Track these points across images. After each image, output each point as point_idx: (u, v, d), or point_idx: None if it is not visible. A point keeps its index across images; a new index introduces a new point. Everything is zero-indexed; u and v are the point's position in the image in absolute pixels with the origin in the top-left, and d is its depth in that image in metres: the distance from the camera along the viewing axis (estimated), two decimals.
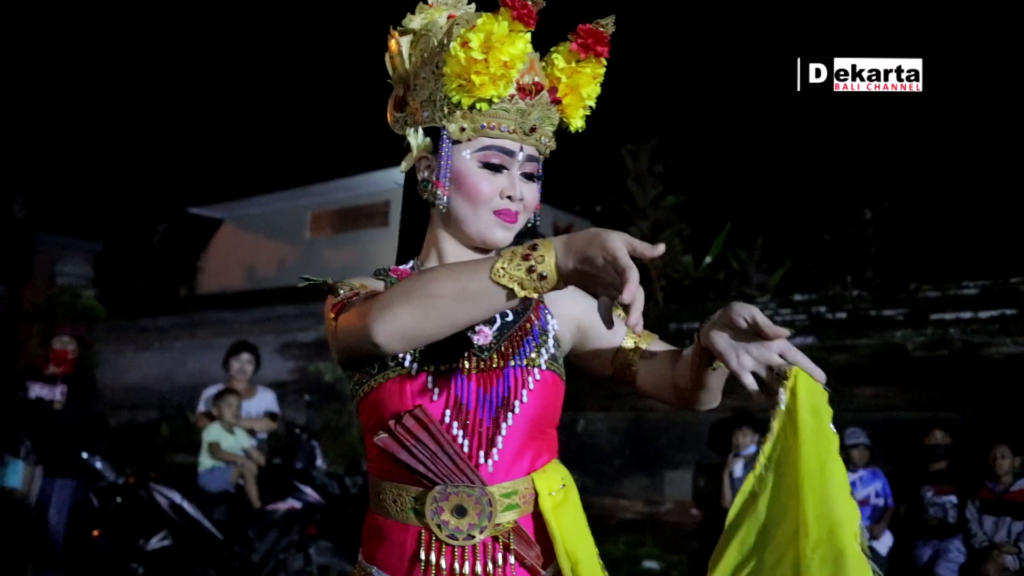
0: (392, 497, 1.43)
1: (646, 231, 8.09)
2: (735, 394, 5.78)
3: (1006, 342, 6.04)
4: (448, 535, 1.37)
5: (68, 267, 14.08)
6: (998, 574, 5.37)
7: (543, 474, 1.45)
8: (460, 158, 1.44)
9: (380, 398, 1.43)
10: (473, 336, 1.45)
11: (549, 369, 1.48)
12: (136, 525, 6.23)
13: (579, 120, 1.54)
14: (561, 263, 1.16)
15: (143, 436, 10.75)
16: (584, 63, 1.47)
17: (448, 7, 1.49)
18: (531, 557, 1.42)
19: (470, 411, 1.42)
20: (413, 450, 1.37)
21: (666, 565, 6.94)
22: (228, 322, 11.81)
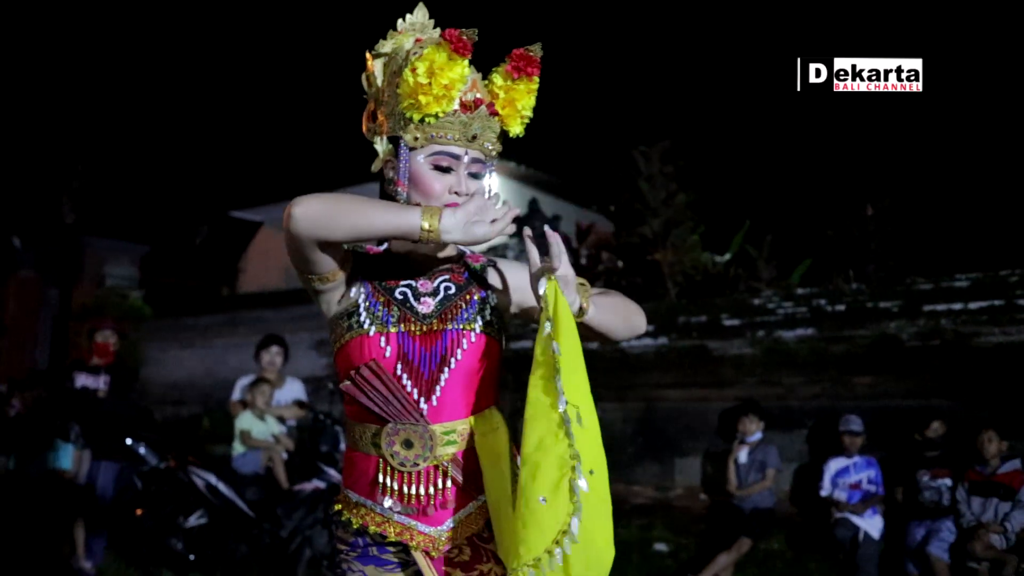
0: (359, 434, 1.81)
1: (658, 229, 8.36)
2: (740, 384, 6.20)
3: (994, 332, 6.23)
4: (399, 463, 1.73)
5: (116, 269, 14.59)
6: (984, 551, 5.60)
7: (481, 418, 1.80)
8: (415, 162, 1.77)
9: (347, 353, 1.80)
10: (418, 305, 1.81)
11: (484, 332, 1.82)
12: (176, 505, 6.67)
13: (518, 127, 1.86)
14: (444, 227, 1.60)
15: (187, 429, 11.14)
16: (518, 81, 1.80)
17: (416, 31, 1.82)
18: (465, 482, 1.78)
19: (415, 364, 1.77)
20: (369, 394, 1.73)
21: (675, 547, 7.20)
22: (267, 320, 12.14)
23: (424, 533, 1.75)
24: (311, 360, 10.84)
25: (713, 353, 7.42)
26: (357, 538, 1.80)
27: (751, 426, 6.79)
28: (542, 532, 1.52)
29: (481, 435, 1.77)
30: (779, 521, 6.76)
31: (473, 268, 1.89)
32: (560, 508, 1.52)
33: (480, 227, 1.60)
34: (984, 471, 5.82)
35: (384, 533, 1.76)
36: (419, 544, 1.75)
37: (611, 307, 1.84)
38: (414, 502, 1.75)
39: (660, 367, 7.72)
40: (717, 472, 7.18)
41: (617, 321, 1.86)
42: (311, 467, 6.45)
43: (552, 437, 1.56)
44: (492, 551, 1.77)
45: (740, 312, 7.38)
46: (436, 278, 1.84)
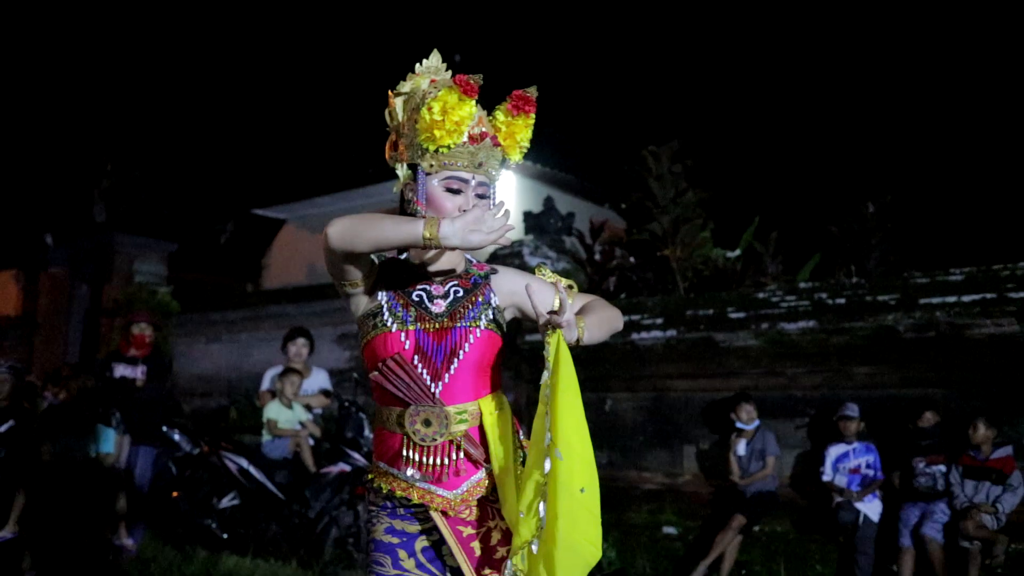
0: (385, 415, 2.16)
1: (667, 226, 8.61)
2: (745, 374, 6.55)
3: (986, 324, 6.46)
4: (419, 439, 2.07)
5: (145, 266, 14.89)
6: (976, 531, 5.88)
7: (487, 400, 2.14)
8: (431, 185, 2.12)
9: (373, 347, 2.14)
10: (432, 306, 2.14)
11: (487, 328, 2.15)
12: (210, 487, 7.08)
13: (517, 155, 2.21)
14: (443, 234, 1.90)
15: (214, 420, 11.51)
16: (517, 118, 2.15)
17: (431, 73, 2.16)
18: (476, 454, 2.11)
19: (430, 356, 2.11)
20: (394, 382, 2.08)
21: (683, 530, 7.49)
22: (290, 315, 12.34)
23: (442, 496, 2.09)
24: (334, 353, 11.13)
25: (719, 345, 7.71)
26: (386, 501, 2.16)
27: (745, 414, 7.09)
28: (520, 536, 1.92)
29: (488, 414, 2.11)
30: (782, 505, 7.05)
31: (478, 275, 2.22)
32: (530, 524, 1.91)
33: (476, 235, 1.90)
34: (977, 456, 6.10)
35: (408, 497, 2.11)
36: (437, 506, 2.09)
37: (597, 324, 2.13)
38: (432, 471, 2.08)
39: (669, 358, 8.01)
40: (723, 459, 7.48)
41: (603, 333, 2.16)
42: (337, 452, 6.82)
43: (535, 465, 1.92)
44: (497, 509, 2.11)
45: (745, 306, 7.64)
46: (447, 283, 2.18)
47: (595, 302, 2.26)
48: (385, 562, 2.11)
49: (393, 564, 2.11)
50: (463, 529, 2.10)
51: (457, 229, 1.89)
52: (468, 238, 1.89)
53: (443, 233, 1.89)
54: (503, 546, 2.10)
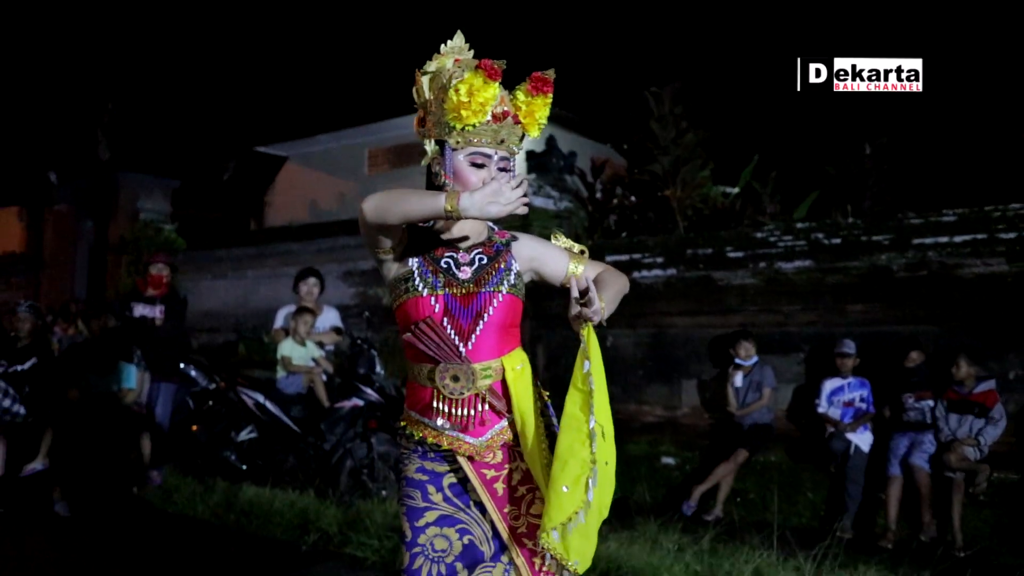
0: (417, 371, 2.38)
1: (668, 167, 8.78)
2: (742, 311, 6.79)
3: (976, 263, 6.69)
4: (448, 392, 2.29)
5: (149, 203, 15.00)
6: (958, 462, 6.19)
7: (509, 357, 2.35)
8: (457, 160, 2.29)
9: (406, 309, 2.34)
10: (459, 273, 2.33)
11: (509, 293, 2.35)
12: (227, 421, 7.34)
13: (535, 132, 2.38)
14: (462, 206, 2.06)
15: (223, 355, 11.69)
16: (536, 98, 2.30)
17: (454, 53, 2.32)
18: (500, 405, 2.34)
19: (457, 318, 2.31)
20: (426, 342, 2.28)
21: (681, 460, 7.80)
22: (295, 252, 12.51)
23: (469, 443, 2.32)
24: (339, 289, 11.27)
25: (718, 283, 7.94)
26: (417, 446, 2.38)
27: (744, 351, 7.36)
28: (563, 510, 2.12)
29: (511, 370, 2.33)
30: (777, 436, 7.36)
31: (500, 242, 2.41)
32: (577, 497, 2.12)
33: (494, 206, 2.06)
34: (961, 391, 6.38)
35: (439, 443, 2.33)
36: (464, 451, 2.32)
37: (614, 298, 2.33)
38: (460, 421, 2.30)
39: (668, 296, 8.25)
40: (720, 392, 7.77)
41: (616, 304, 2.36)
42: (350, 387, 7.07)
43: (580, 444, 2.14)
44: (518, 452, 2.35)
45: (743, 245, 7.85)
46: (472, 251, 2.37)
47: (606, 273, 2.45)
48: (416, 495, 2.34)
49: (423, 497, 2.33)
50: (487, 472, 2.33)
51: (476, 201, 2.05)
52: (486, 209, 2.06)
53: (463, 205, 2.05)
54: (523, 485, 2.35)
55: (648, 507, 7.04)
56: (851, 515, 6.53)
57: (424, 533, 2.30)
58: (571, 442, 2.15)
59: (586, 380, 2.17)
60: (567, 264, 2.42)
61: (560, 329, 8.59)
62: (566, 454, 2.14)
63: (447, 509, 2.32)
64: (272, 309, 11.18)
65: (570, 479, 2.12)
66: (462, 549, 2.30)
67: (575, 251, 2.47)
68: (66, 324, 11.20)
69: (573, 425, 2.16)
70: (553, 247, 2.46)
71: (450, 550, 2.30)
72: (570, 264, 2.42)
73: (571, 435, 2.16)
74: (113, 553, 5.62)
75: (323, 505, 6.21)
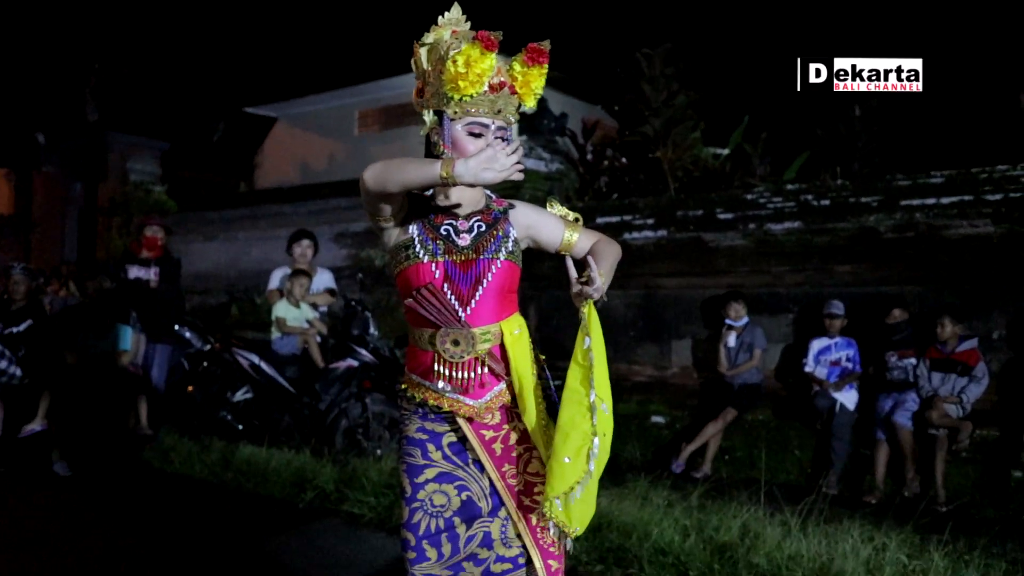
0: (418, 335, 2.44)
1: (659, 128, 8.81)
2: (732, 273, 6.87)
3: (963, 224, 6.77)
4: (449, 356, 2.36)
5: (138, 165, 14.95)
6: (940, 419, 6.32)
7: (507, 322, 2.42)
8: (455, 130, 2.33)
9: (407, 275, 2.40)
10: (458, 240, 2.39)
11: (507, 260, 2.41)
12: (223, 382, 7.42)
13: (532, 102, 2.42)
14: (457, 173, 2.10)
15: (216, 317, 11.72)
16: (532, 68, 2.35)
17: (452, 24, 2.35)
18: (498, 368, 2.41)
19: (457, 284, 2.37)
20: (427, 307, 2.34)
21: (670, 419, 7.92)
22: (286, 214, 12.56)
23: (468, 405, 2.39)
24: (331, 251, 11.29)
25: (708, 244, 8.02)
26: (418, 408, 2.45)
27: (736, 311, 7.46)
28: (565, 480, 2.22)
29: (509, 334, 2.40)
30: (765, 395, 7.49)
31: (497, 210, 2.47)
32: (578, 468, 2.22)
33: (488, 172, 2.09)
34: (944, 350, 6.50)
35: (440, 405, 2.40)
36: (464, 413, 2.39)
37: (609, 270, 2.39)
38: (460, 384, 2.37)
39: (659, 257, 8.34)
40: (709, 353, 7.89)
41: (612, 274, 2.42)
42: (344, 348, 7.15)
43: (581, 417, 2.24)
44: (517, 413, 2.42)
45: (734, 206, 7.92)
46: (471, 218, 2.42)
47: (601, 244, 2.52)
48: (416, 453, 2.42)
49: (423, 455, 2.41)
50: (486, 432, 2.41)
51: (470, 167, 2.09)
52: (480, 175, 2.09)
53: (458, 172, 2.09)
54: (520, 444, 2.43)
55: (638, 464, 7.18)
56: (837, 472, 6.67)
57: (423, 489, 2.38)
58: (572, 415, 2.24)
59: (586, 355, 2.27)
60: (563, 232, 2.49)
61: (552, 290, 8.67)
62: (567, 426, 2.24)
63: (446, 467, 2.40)
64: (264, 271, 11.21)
65: (572, 450, 2.22)
66: (460, 505, 2.38)
67: (570, 219, 2.52)
68: (57, 286, 11.23)
69: (574, 399, 2.25)
70: (549, 215, 2.52)
71: (448, 505, 2.38)
72: (565, 232, 2.49)
73: (572, 408, 2.25)
74: (113, 512, 5.71)
75: (319, 464, 6.30)
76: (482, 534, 2.37)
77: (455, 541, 2.36)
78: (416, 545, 2.34)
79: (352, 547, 4.93)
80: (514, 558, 2.39)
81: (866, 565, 4.11)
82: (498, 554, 2.38)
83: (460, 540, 2.36)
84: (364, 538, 5.10)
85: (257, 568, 4.59)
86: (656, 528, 4.66)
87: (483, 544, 2.37)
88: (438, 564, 2.34)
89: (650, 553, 4.43)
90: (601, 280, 2.21)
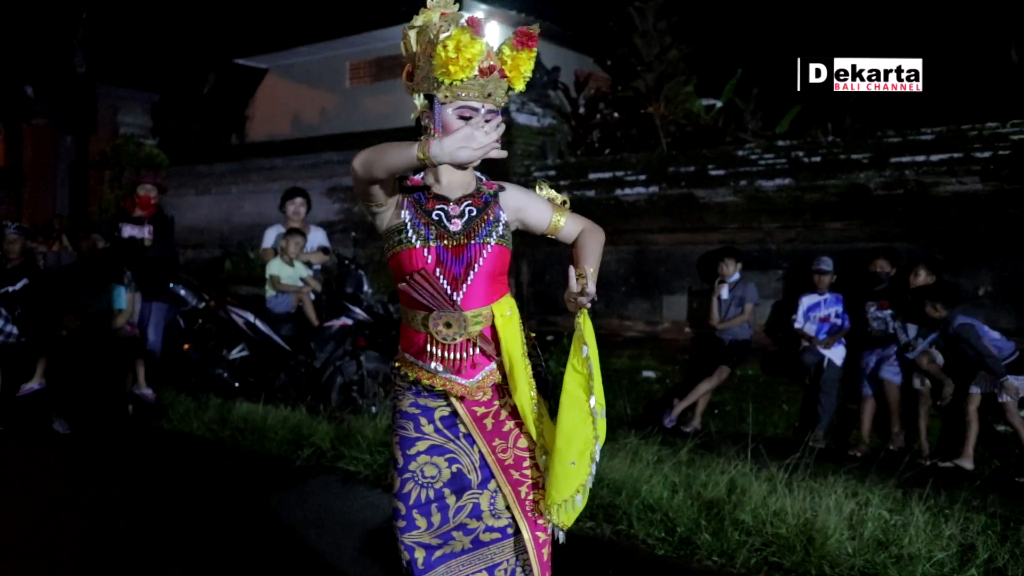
0: (411, 317, 2.50)
1: (651, 83, 8.78)
2: (723, 229, 6.92)
3: (951, 182, 6.80)
4: (441, 338, 2.41)
5: (129, 117, 14.85)
6: (928, 366, 6.42)
7: (498, 304, 2.47)
8: (445, 113, 2.34)
9: (399, 260, 2.44)
10: (450, 225, 2.43)
11: (498, 244, 2.45)
12: (218, 340, 7.50)
13: (520, 85, 2.43)
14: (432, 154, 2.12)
15: (209, 271, 11.80)
16: (521, 51, 2.36)
17: (440, 6, 2.35)
18: (489, 349, 2.47)
19: (449, 268, 2.42)
20: (420, 292, 2.39)
21: (661, 374, 8.04)
22: (278, 168, 12.57)
23: (461, 384, 2.45)
24: (324, 205, 11.28)
25: (699, 201, 8.05)
26: (412, 385, 2.52)
27: (730, 268, 7.53)
28: (569, 484, 2.35)
29: (500, 316, 2.45)
30: (754, 351, 7.59)
31: (488, 193, 2.51)
32: (582, 470, 2.35)
33: (464, 151, 2.11)
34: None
35: (433, 385, 2.47)
36: (457, 392, 2.45)
37: (597, 263, 2.49)
38: (453, 364, 2.44)
39: (651, 213, 8.37)
40: (700, 308, 7.97)
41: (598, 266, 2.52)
42: (339, 306, 7.22)
43: (582, 422, 2.34)
44: (507, 390, 2.49)
45: (725, 163, 7.93)
46: (462, 203, 2.46)
47: (587, 235, 2.58)
48: (408, 426, 2.49)
49: (415, 428, 2.48)
50: (477, 409, 2.48)
51: (445, 147, 2.10)
52: (456, 154, 2.11)
53: (432, 152, 2.11)
54: (510, 419, 2.51)
55: (629, 420, 7.30)
56: (824, 426, 6.79)
57: (415, 461, 2.45)
58: (574, 419, 2.35)
59: (585, 364, 2.35)
60: (551, 215, 2.54)
61: (544, 245, 8.71)
62: (570, 430, 2.34)
63: (437, 440, 2.47)
64: (256, 225, 11.23)
65: (576, 454, 2.34)
66: (450, 476, 2.46)
67: (558, 202, 2.57)
68: (50, 240, 11.24)
69: (575, 404, 2.35)
70: (538, 198, 2.57)
71: (439, 477, 2.46)
72: (553, 215, 2.54)
73: (574, 413, 2.35)
74: (112, 469, 5.82)
75: (315, 421, 6.40)
76: (471, 505, 2.46)
77: (445, 511, 2.44)
78: (406, 514, 2.42)
79: (348, 504, 5.05)
80: (503, 528, 2.48)
81: (848, 520, 4.22)
82: (487, 524, 2.47)
83: (450, 511, 2.44)
84: (360, 494, 5.22)
85: (255, 525, 4.70)
86: (645, 485, 4.77)
87: (472, 515, 2.45)
88: (427, 533, 2.42)
89: (639, 510, 4.55)
90: (591, 291, 2.27)
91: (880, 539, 4.09)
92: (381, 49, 15.60)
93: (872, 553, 3.95)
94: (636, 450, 5.58)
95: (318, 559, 4.20)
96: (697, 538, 4.25)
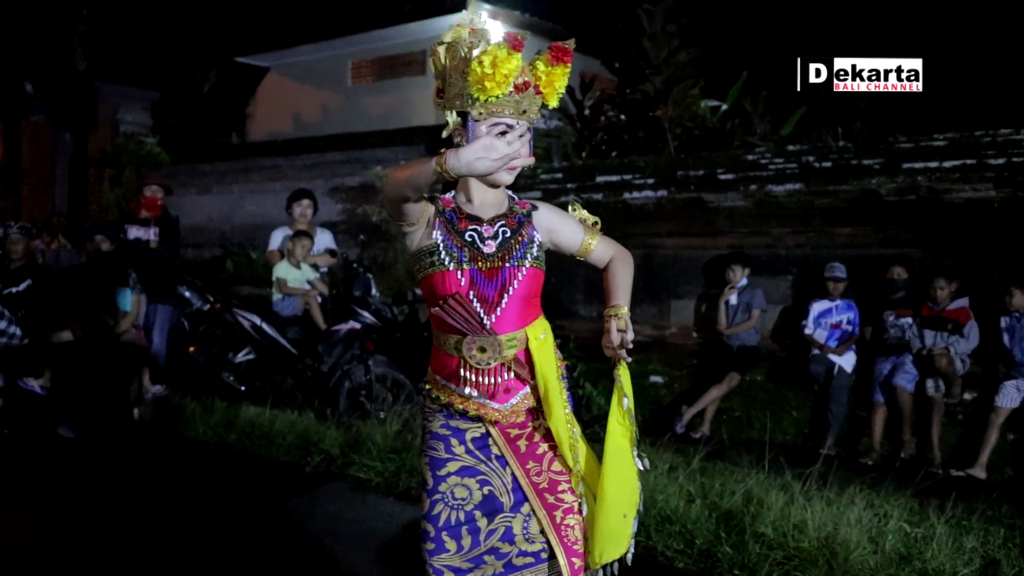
0: (443, 340, 2.44)
1: (660, 86, 8.73)
2: (732, 233, 6.86)
3: (964, 188, 6.77)
4: (475, 363, 2.36)
5: (129, 115, 14.77)
6: (947, 367, 6.40)
7: (532, 327, 2.43)
8: (479, 131, 2.28)
9: (431, 282, 2.39)
10: (484, 247, 2.37)
11: (532, 266, 2.40)
12: (224, 343, 7.43)
13: (555, 100, 2.39)
14: (449, 166, 2.07)
15: (210, 271, 11.73)
16: (556, 67, 2.32)
17: (469, 23, 2.31)
18: (523, 373, 2.43)
19: (483, 292, 2.37)
20: (455, 317, 2.33)
21: (669, 379, 8.00)
22: (280, 167, 12.53)
23: (495, 409, 2.41)
24: (326, 205, 11.16)
25: (708, 205, 8.01)
26: (443, 408, 2.47)
27: (737, 274, 7.49)
28: (624, 537, 2.41)
29: (534, 339, 2.41)
30: (763, 357, 7.55)
31: (521, 213, 2.45)
32: (630, 524, 2.40)
33: (481, 162, 2.06)
34: (935, 308, 6.56)
35: (466, 409, 2.42)
36: (491, 417, 2.41)
37: (628, 294, 2.49)
38: (487, 389, 2.39)
39: (659, 217, 8.32)
40: (708, 313, 7.93)
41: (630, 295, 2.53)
42: (346, 310, 7.16)
43: (628, 475, 2.37)
44: (541, 412, 2.44)
45: (735, 167, 7.89)
46: (495, 223, 2.40)
47: (617, 263, 2.55)
48: (439, 447, 2.44)
49: (446, 449, 2.43)
50: (511, 431, 2.44)
51: (462, 158, 2.05)
52: (474, 166, 2.06)
53: (450, 164, 2.06)
54: (544, 442, 2.46)
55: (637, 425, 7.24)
56: (834, 433, 6.76)
57: (445, 482, 2.40)
58: (620, 473, 2.37)
59: (626, 416, 2.38)
60: (583, 236, 2.49)
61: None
62: (618, 483, 2.36)
63: (468, 461, 2.42)
64: (258, 225, 11.15)
65: (629, 506, 2.38)
66: (482, 499, 2.41)
67: (589, 224, 2.52)
68: (49, 238, 11.16)
69: (621, 456, 2.38)
70: (570, 218, 2.52)
71: (470, 499, 2.40)
72: (585, 237, 2.49)
73: (621, 465, 2.38)
74: (117, 473, 5.76)
75: (323, 426, 6.34)
76: (504, 528, 2.40)
77: (476, 534, 2.38)
78: (436, 536, 2.36)
79: (361, 512, 4.99)
80: (536, 553, 2.42)
81: (869, 533, 4.17)
82: (520, 549, 2.41)
83: (481, 534, 2.39)
84: (372, 503, 5.16)
85: (266, 532, 4.63)
86: (661, 495, 4.71)
87: (504, 539, 2.40)
88: (458, 556, 2.37)
89: (657, 521, 4.49)
90: (631, 333, 2.32)
91: (902, 553, 4.04)
92: (384, 48, 15.52)
93: (895, 567, 3.90)
94: (648, 458, 5.52)
95: (333, 570, 4.14)
96: (717, 551, 4.20)
